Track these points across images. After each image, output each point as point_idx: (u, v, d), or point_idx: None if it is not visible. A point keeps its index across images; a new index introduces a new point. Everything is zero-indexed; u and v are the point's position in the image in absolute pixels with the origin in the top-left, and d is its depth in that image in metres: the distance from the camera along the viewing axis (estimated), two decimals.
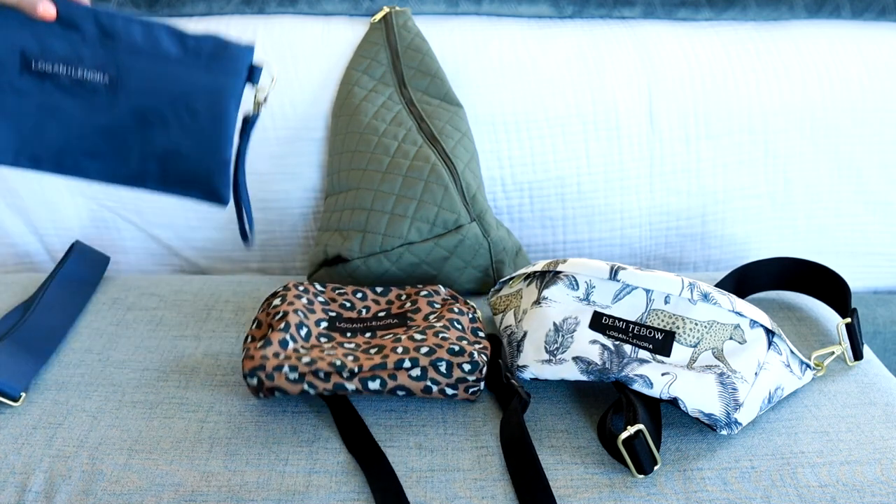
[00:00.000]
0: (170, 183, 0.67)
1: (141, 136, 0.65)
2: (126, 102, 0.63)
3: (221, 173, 0.67)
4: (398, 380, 0.68)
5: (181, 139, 0.65)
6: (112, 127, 0.64)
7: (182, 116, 0.65)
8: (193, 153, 0.66)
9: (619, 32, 1.09)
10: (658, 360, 0.68)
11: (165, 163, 0.66)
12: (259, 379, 0.67)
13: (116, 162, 0.66)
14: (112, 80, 0.63)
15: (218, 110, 0.65)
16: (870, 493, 0.62)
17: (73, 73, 0.62)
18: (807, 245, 1.14)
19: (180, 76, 0.64)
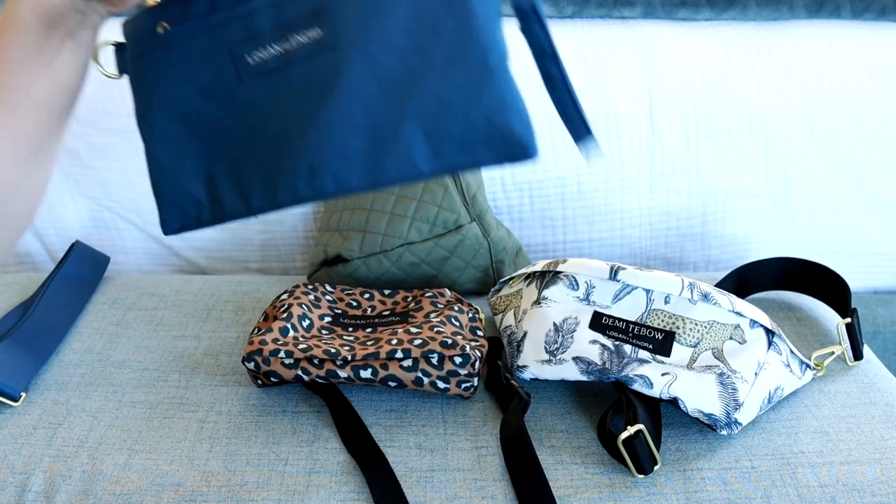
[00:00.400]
0: (445, 152, 0.44)
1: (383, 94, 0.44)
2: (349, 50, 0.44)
3: (506, 101, 0.43)
4: (389, 369, 0.69)
5: (432, 74, 0.43)
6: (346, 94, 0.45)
7: (419, 38, 0.43)
8: (455, 88, 0.43)
9: (619, 32, 1.09)
10: (658, 360, 0.68)
11: (427, 123, 0.44)
12: (256, 363, 0.69)
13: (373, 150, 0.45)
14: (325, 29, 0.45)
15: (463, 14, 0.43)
16: (870, 493, 0.62)
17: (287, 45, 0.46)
18: (807, 245, 1.14)
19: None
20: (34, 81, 0.48)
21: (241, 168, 0.49)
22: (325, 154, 0.46)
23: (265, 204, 0.49)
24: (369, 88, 0.45)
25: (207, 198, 0.51)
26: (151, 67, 0.50)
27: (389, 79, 0.44)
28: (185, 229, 0.52)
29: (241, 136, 0.49)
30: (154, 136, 0.51)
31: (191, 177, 0.51)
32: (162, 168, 0.51)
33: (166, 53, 0.49)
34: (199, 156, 0.51)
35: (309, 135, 0.46)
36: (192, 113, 0.50)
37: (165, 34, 0.49)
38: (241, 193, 0.50)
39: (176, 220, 0.52)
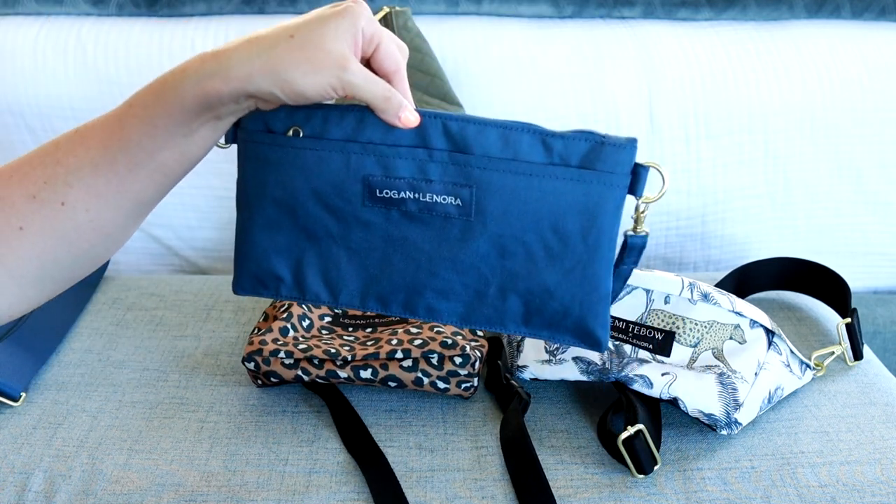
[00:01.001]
0: (534, 325, 0.54)
1: (500, 268, 0.52)
2: (482, 229, 0.51)
3: (598, 312, 0.53)
4: (389, 370, 0.69)
5: (548, 271, 0.52)
6: (466, 260, 0.52)
7: (549, 242, 0.51)
8: (564, 289, 0.52)
9: (619, 32, 1.09)
10: (658, 360, 0.67)
11: (529, 300, 0.53)
12: (256, 363, 0.69)
13: (472, 301, 0.53)
14: (465, 202, 0.51)
15: (593, 231, 0.51)
16: (870, 493, 0.62)
17: (421, 197, 0.51)
18: (807, 245, 1.14)
19: (546, 191, 0.50)
20: (167, 149, 0.48)
21: (333, 267, 0.54)
22: (427, 289, 0.53)
23: (351, 303, 0.55)
24: (489, 262, 0.52)
25: (292, 279, 0.55)
26: (273, 161, 0.53)
27: (511, 262, 0.52)
28: (258, 296, 0.56)
29: (344, 244, 0.54)
30: (255, 220, 0.54)
31: (279, 259, 0.55)
32: (253, 245, 0.54)
33: (294, 156, 0.52)
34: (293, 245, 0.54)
35: (419, 272, 0.53)
36: (300, 211, 0.53)
37: (296, 139, 0.52)
38: (328, 285, 0.55)
39: (250, 288, 0.56)
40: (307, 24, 0.46)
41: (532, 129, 0.50)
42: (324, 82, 0.46)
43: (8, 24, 1.08)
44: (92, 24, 1.08)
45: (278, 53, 0.45)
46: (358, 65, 0.47)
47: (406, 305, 0.54)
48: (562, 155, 0.50)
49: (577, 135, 0.50)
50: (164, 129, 0.47)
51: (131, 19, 1.09)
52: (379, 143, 0.51)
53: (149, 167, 0.48)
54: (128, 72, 1.04)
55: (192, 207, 1.07)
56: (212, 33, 1.06)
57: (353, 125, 0.51)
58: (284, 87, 0.46)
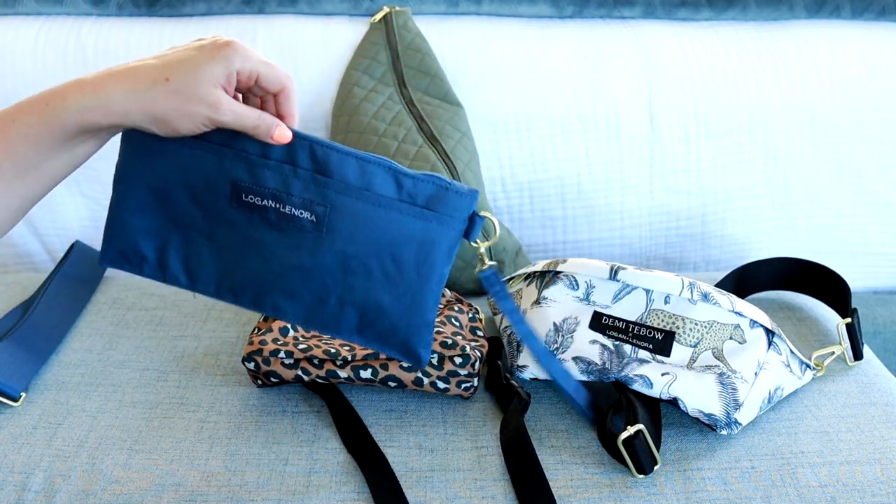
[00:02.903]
0: (366, 336, 0.60)
1: (342, 281, 0.58)
2: (330, 245, 0.57)
3: (421, 334, 0.59)
4: (389, 370, 0.69)
5: (382, 291, 0.58)
6: (313, 269, 0.57)
7: (386, 266, 0.57)
8: (394, 308, 0.58)
9: (619, 32, 1.09)
10: (658, 360, 0.67)
11: (364, 314, 0.59)
12: (256, 363, 0.70)
13: (314, 306, 0.59)
14: (319, 219, 0.56)
15: (426, 264, 0.58)
16: (870, 493, 0.62)
17: (282, 208, 0.56)
18: (807, 245, 1.14)
19: (391, 222, 0.57)
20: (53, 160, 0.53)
21: (195, 255, 0.59)
22: (274, 289, 0.58)
23: (207, 291, 0.60)
24: (333, 274, 0.58)
25: (155, 259, 0.60)
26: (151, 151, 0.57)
27: (352, 277, 0.57)
28: (122, 270, 0.60)
29: (207, 237, 0.59)
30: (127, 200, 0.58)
31: (146, 240, 0.59)
32: (122, 223, 0.59)
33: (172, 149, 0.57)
34: (159, 228, 0.59)
35: (270, 274, 0.58)
36: (171, 200, 0.58)
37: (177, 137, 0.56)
38: (187, 271, 0.60)
39: (115, 261, 0.60)
40: (182, 66, 0.51)
41: (387, 166, 0.56)
42: (196, 122, 0.52)
43: (8, 24, 1.08)
44: (92, 24, 1.08)
45: (154, 97, 0.51)
46: (229, 103, 0.52)
47: (255, 300, 0.59)
48: (410, 193, 0.57)
49: (427, 178, 0.57)
50: (47, 146, 0.52)
51: (131, 19, 1.09)
52: (251, 154, 0.56)
53: (35, 174, 0.53)
54: None
55: None
56: (212, 33, 1.06)
57: (230, 131, 0.56)
58: (160, 126, 0.52)
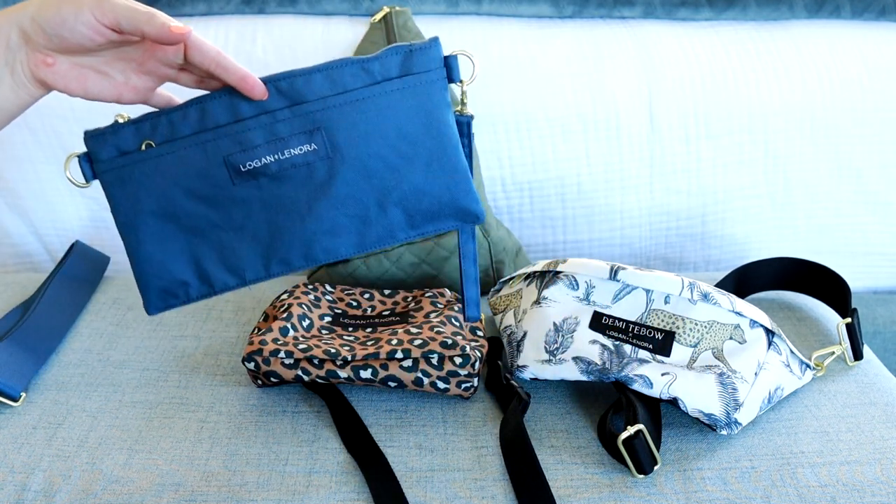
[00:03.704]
0: (418, 224, 0.59)
1: (371, 188, 0.57)
2: (342, 160, 0.56)
3: (466, 189, 0.59)
4: (389, 370, 0.69)
5: (412, 173, 0.58)
6: (341, 193, 0.57)
7: (402, 149, 0.57)
8: (430, 182, 0.58)
9: (619, 32, 1.09)
10: (658, 360, 0.68)
11: (407, 205, 0.58)
12: (256, 363, 0.69)
13: (360, 228, 0.58)
14: (320, 144, 0.56)
15: (435, 125, 0.57)
16: (870, 493, 0.62)
17: (281, 156, 0.56)
18: (807, 245, 1.14)
19: (382, 106, 0.57)
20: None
21: (229, 252, 0.58)
22: (318, 233, 0.58)
23: (259, 277, 0.59)
24: (360, 186, 0.57)
25: (196, 278, 0.59)
26: (137, 178, 0.56)
27: (377, 178, 0.57)
28: (171, 307, 0.60)
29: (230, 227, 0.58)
30: (142, 237, 0.57)
31: (177, 264, 0.58)
32: (149, 261, 0.58)
33: (154, 166, 0.56)
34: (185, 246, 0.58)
35: (304, 223, 0.57)
36: (180, 213, 0.57)
37: (150, 150, 0.56)
38: (231, 270, 0.59)
39: (161, 301, 0.59)
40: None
41: (350, 61, 0.56)
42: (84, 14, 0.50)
43: None
44: None
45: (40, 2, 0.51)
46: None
47: (306, 256, 0.58)
48: (382, 73, 0.56)
49: (388, 51, 0.57)
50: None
51: None
52: (226, 124, 0.56)
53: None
54: None
55: None
56: (212, 33, 1.06)
57: (196, 117, 0.55)
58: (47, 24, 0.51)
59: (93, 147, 0.56)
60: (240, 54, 1.04)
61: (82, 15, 0.51)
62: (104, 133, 0.56)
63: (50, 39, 0.52)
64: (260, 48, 1.04)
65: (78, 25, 0.51)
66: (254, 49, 1.04)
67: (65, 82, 0.54)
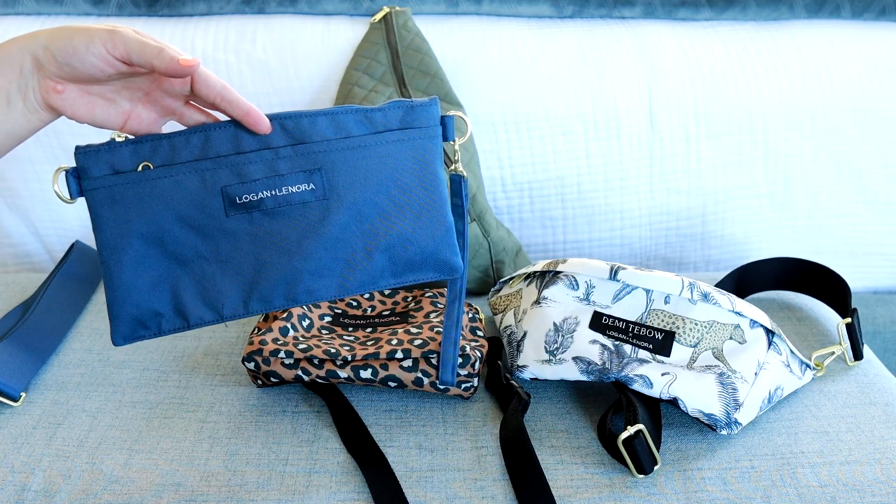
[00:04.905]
0: (400, 272, 0.60)
1: (362, 234, 0.58)
2: (338, 203, 0.57)
3: (449, 243, 0.61)
4: (389, 370, 0.69)
5: (403, 222, 0.59)
6: (332, 235, 0.58)
7: (397, 198, 0.59)
8: (418, 232, 0.60)
9: (619, 32, 1.09)
10: (658, 360, 0.68)
11: (393, 253, 0.60)
12: (256, 363, 0.69)
13: (345, 271, 0.59)
14: (318, 184, 0.57)
15: (429, 178, 0.60)
16: (870, 493, 0.62)
17: (278, 192, 0.57)
18: (807, 245, 1.14)
19: (382, 155, 0.58)
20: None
21: (210, 285, 0.57)
22: (303, 273, 0.57)
23: (236, 313, 0.58)
24: (351, 230, 0.58)
25: (171, 310, 0.57)
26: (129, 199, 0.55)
27: (369, 223, 0.59)
28: (140, 339, 0.58)
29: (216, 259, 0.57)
30: (124, 261, 0.56)
31: (155, 293, 0.57)
32: (126, 287, 0.56)
33: (150, 188, 0.55)
34: (166, 275, 0.57)
35: (292, 261, 0.57)
36: (168, 239, 0.56)
37: (147, 172, 0.55)
38: (209, 305, 0.58)
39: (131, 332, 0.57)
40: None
41: (354, 109, 0.58)
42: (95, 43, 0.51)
43: (8, 24, 1.08)
44: None
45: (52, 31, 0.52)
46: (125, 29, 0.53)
47: (287, 296, 0.58)
48: (384, 123, 0.59)
49: (391, 104, 0.59)
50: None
51: (131, 19, 1.09)
52: (227, 155, 0.56)
53: None
54: None
55: None
56: (212, 33, 1.06)
57: (199, 143, 0.56)
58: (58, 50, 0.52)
59: (84, 163, 0.55)
60: (240, 54, 1.04)
61: (94, 46, 0.51)
62: (98, 150, 0.55)
63: (61, 68, 0.53)
64: (260, 48, 1.04)
65: (89, 56, 0.52)
66: (254, 49, 1.04)
67: (73, 109, 0.55)
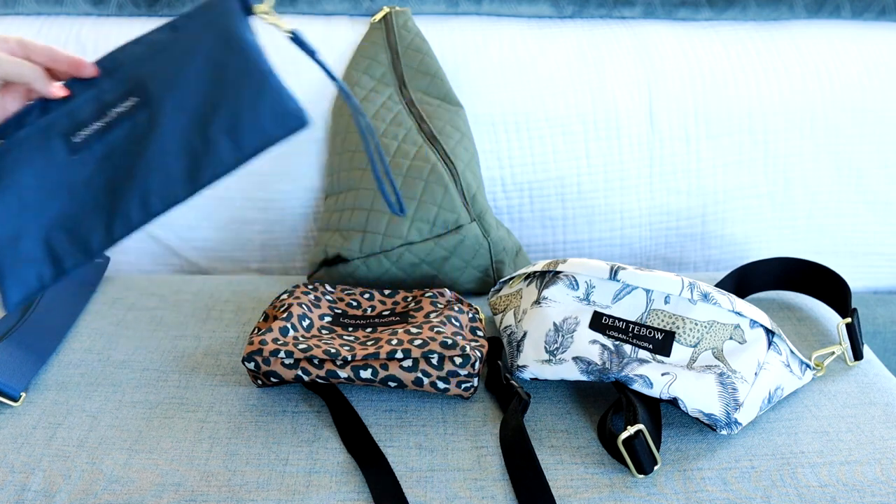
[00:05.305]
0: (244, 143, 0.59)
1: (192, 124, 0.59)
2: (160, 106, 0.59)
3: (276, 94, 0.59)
4: (389, 370, 0.69)
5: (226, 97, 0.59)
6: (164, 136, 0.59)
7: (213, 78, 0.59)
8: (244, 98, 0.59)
9: (619, 32, 1.09)
10: (658, 360, 0.68)
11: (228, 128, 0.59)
12: (256, 363, 0.69)
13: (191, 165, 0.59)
14: (138, 96, 0.60)
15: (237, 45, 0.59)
16: (870, 493, 0.62)
17: (108, 119, 0.60)
18: (807, 245, 1.14)
19: (185, 47, 0.60)
20: None
21: (76, 224, 0.60)
22: (151, 181, 0.59)
23: (102, 243, 0.60)
24: (181, 123, 0.59)
25: (49, 260, 0.60)
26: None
27: (196, 111, 0.59)
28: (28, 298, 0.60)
29: (74, 199, 0.60)
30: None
31: (29, 247, 0.60)
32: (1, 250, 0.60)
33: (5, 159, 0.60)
34: (35, 228, 0.60)
35: (136, 172, 0.59)
36: (28, 195, 0.59)
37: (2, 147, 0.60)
38: (80, 243, 0.60)
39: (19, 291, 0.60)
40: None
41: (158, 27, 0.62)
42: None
43: (8, 24, 1.07)
44: (92, 24, 1.08)
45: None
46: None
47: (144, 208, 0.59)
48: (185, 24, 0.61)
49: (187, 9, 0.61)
50: None
51: (131, 19, 1.09)
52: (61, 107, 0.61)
53: None
54: None
55: (192, 207, 1.07)
56: None
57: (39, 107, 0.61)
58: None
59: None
60: None
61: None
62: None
63: None
64: None
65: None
66: None
67: None
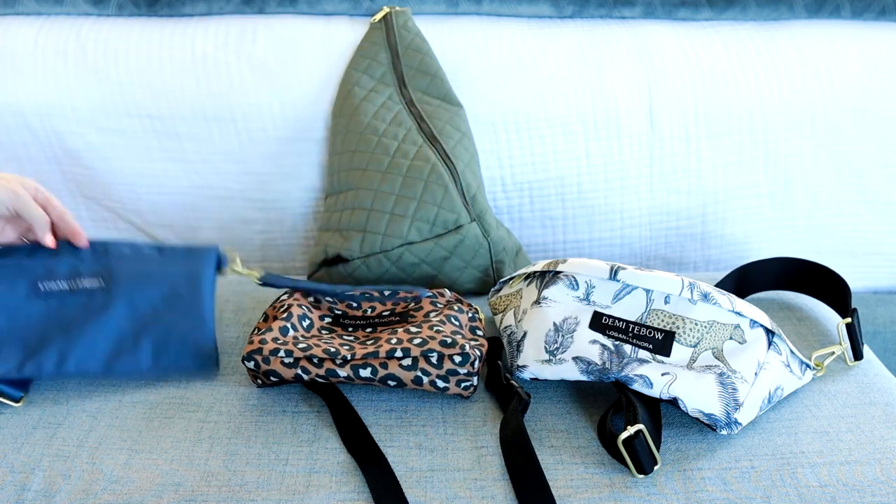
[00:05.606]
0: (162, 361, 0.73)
1: (133, 322, 0.73)
2: (119, 296, 0.73)
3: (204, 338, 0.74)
4: (389, 368, 0.69)
5: (170, 318, 0.73)
6: (109, 320, 0.72)
7: (169, 299, 0.73)
8: (181, 328, 0.73)
9: (619, 32, 1.09)
10: (658, 360, 0.68)
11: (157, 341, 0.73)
12: (256, 362, 0.70)
13: (114, 351, 0.72)
14: (106, 282, 0.73)
15: (198, 289, 0.74)
16: (870, 493, 0.62)
17: (74, 286, 0.73)
18: (807, 245, 1.14)
19: (162, 270, 0.74)
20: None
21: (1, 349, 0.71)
22: (77, 347, 0.71)
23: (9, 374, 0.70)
24: (125, 319, 0.73)
25: None
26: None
27: (140, 316, 0.73)
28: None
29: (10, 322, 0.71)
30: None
31: None
32: None
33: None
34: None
35: (70, 334, 0.71)
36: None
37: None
38: None
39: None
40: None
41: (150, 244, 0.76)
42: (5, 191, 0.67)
43: (8, 24, 1.08)
44: (92, 24, 1.08)
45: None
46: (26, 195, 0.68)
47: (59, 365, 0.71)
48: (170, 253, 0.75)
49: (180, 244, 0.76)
50: None
51: (131, 19, 1.09)
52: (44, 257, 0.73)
53: None
54: (128, 72, 1.04)
55: (192, 207, 1.07)
56: (212, 33, 1.06)
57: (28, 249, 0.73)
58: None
59: None
60: (240, 54, 1.04)
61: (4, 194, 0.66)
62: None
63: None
64: (260, 48, 1.04)
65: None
66: (254, 49, 1.04)
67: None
